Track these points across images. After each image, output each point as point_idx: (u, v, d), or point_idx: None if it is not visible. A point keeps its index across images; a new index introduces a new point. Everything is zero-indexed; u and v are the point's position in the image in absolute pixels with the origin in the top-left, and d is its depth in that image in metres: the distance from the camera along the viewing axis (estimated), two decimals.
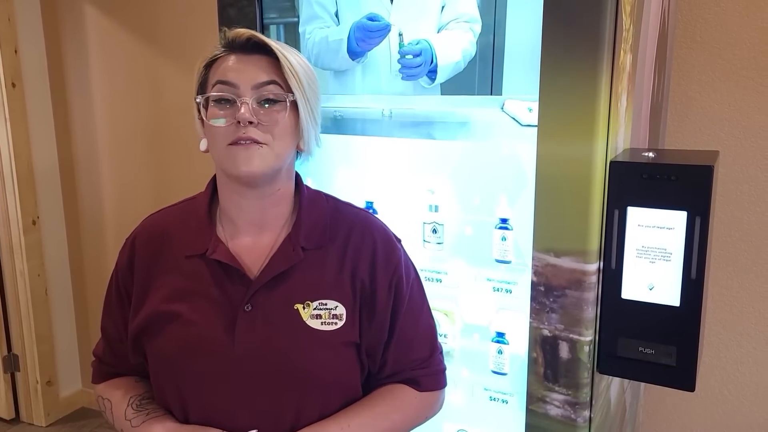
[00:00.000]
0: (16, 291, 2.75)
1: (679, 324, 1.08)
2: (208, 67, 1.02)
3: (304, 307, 1.01)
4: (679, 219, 1.05)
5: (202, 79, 1.03)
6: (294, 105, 1.00)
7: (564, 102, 1.06)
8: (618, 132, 1.11)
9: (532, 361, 1.16)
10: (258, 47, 1.00)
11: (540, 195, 1.10)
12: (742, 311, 1.80)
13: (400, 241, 1.12)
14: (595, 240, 1.09)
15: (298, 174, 1.10)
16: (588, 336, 1.11)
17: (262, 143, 0.97)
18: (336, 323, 1.02)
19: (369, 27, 1.25)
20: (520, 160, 1.18)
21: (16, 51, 2.58)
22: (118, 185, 2.71)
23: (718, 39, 1.71)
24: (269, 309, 1.01)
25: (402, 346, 1.08)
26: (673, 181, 1.04)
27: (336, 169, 1.37)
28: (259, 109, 0.98)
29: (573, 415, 1.14)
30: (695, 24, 1.72)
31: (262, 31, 1.35)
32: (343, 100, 1.33)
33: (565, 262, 1.10)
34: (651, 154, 1.12)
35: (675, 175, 1.04)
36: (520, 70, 1.17)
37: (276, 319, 1.00)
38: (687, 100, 1.76)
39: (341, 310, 1.02)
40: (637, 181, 1.06)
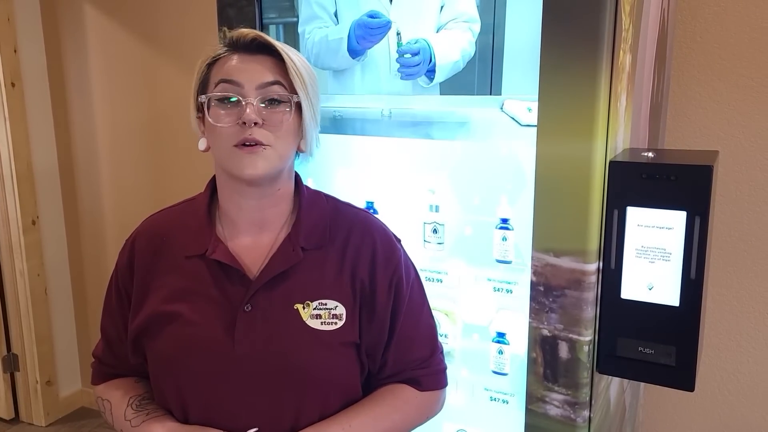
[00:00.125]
0: (15, 291, 2.75)
1: (678, 324, 1.08)
2: (210, 66, 1.01)
3: (304, 307, 1.01)
4: (678, 219, 1.05)
5: (204, 78, 1.02)
6: (297, 106, 1.00)
7: (563, 102, 1.06)
8: (617, 132, 1.11)
9: (531, 361, 1.16)
10: (262, 47, 0.99)
11: (539, 195, 1.10)
12: (742, 311, 1.80)
13: (399, 241, 1.12)
14: (594, 240, 1.09)
15: (298, 174, 1.10)
16: (587, 336, 1.11)
17: (266, 145, 0.97)
18: (336, 323, 1.02)
19: (370, 24, 1.25)
20: (520, 160, 1.18)
21: (15, 51, 2.58)
22: (117, 185, 2.71)
23: (718, 39, 1.71)
24: (269, 309, 1.01)
25: (402, 346, 1.08)
26: (673, 180, 1.04)
27: (335, 169, 1.37)
28: (263, 109, 0.97)
29: (572, 415, 1.14)
30: (695, 24, 1.72)
31: (261, 30, 1.35)
32: (343, 99, 1.33)
33: (565, 262, 1.10)
34: (650, 154, 1.12)
35: (674, 174, 1.04)
36: (520, 69, 1.17)
37: (276, 319, 1.00)
38: (686, 100, 1.76)
39: (341, 310, 1.02)
40: (637, 181, 1.06)
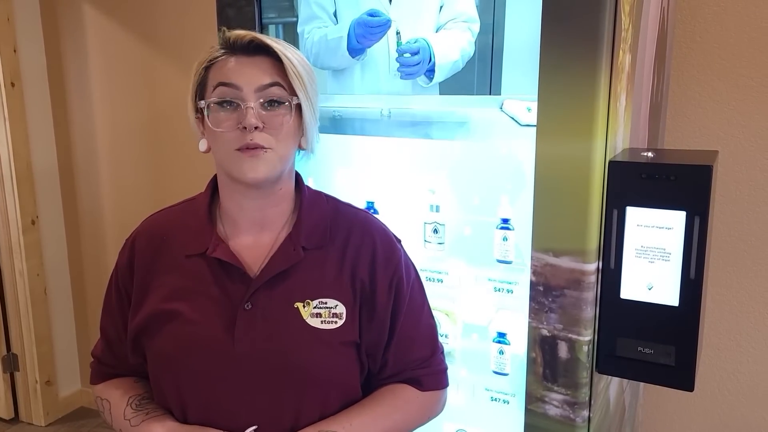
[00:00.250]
0: (15, 291, 2.75)
1: (678, 324, 1.08)
2: (208, 68, 1.01)
3: (304, 306, 1.01)
4: (678, 219, 1.05)
5: (201, 81, 1.01)
6: (297, 107, 1.00)
7: (563, 102, 1.06)
8: (617, 132, 1.11)
9: (531, 361, 1.16)
10: (259, 48, 0.99)
11: (539, 194, 1.10)
12: (742, 311, 1.80)
13: (399, 241, 1.12)
14: (594, 240, 1.09)
15: (299, 174, 1.10)
16: (587, 336, 1.11)
17: (267, 148, 0.96)
18: (336, 322, 1.02)
19: (370, 23, 1.25)
20: (519, 160, 1.18)
21: (15, 50, 2.58)
22: (117, 184, 2.71)
23: (718, 38, 1.71)
24: (269, 307, 1.01)
25: (403, 346, 1.08)
26: (672, 180, 1.04)
27: (335, 169, 1.37)
28: (263, 111, 0.97)
29: (572, 415, 1.14)
30: (695, 23, 1.72)
31: (260, 30, 1.35)
32: (342, 99, 1.33)
33: (564, 262, 1.09)
34: (650, 154, 1.12)
35: (674, 174, 1.04)
36: (519, 69, 1.17)
37: (276, 317, 1.00)
38: (686, 100, 1.76)
39: (341, 309, 1.02)
40: (636, 181, 1.06)
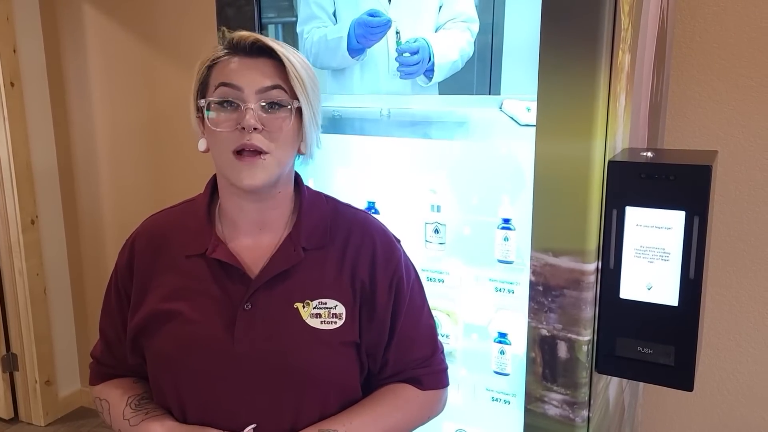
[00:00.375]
0: (14, 290, 2.75)
1: (677, 324, 1.08)
2: (210, 68, 1.01)
3: (304, 306, 1.01)
4: (677, 219, 1.05)
5: (203, 80, 1.01)
6: (298, 111, 0.99)
7: (562, 102, 1.06)
8: (616, 132, 1.11)
9: (530, 361, 1.16)
10: (262, 50, 0.99)
11: (538, 194, 1.10)
12: (741, 311, 1.80)
13: (399, 241, 1.12)
14: (593, 240, 1.09)
15: (299, 175, 1.09)
16: (586, 336, 1.11)
17: (265, 152, 0.96)
18: (336, 322, 1.02)
19: (370, 23, 1.25)
20: (519, 160, 1.18)
21: (14, 50, 2.58)
22: (116, 184, 2.71)
23: (718, 38, 1.71)
24: (269, 308, 1.01)
25: (403, 346, 1.08)
26: (672, 180, 1.04)
27: (335, 169, 1.37)
28: (263, 114, 0.97)
29: (571, 415, 1.14)
30: (694, 23, 1.72)
31: (260, 30, 1.35)
32: (342, 99, 1.33)
33: (564, 262, 1.09)
34: (649, 154, 1.12)
35: (673, 174, 1.04)
36: (519, 69, 1.17)
37: (276, 317, 1.00)
38: (686, 100, 1.76)
39: (341, 309, 1.02)
40: (636, 181, 1.06)
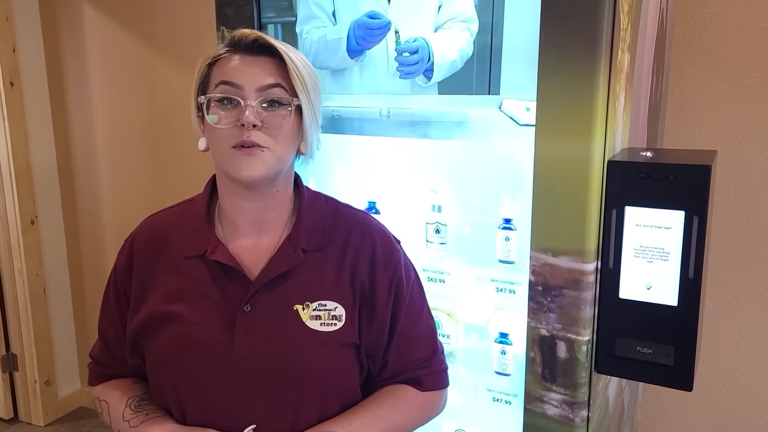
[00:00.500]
0: (14, 290, 2.75)
1: (676, 324, 1.08)
2: (211, 66, 1.01)
3: (304, 308, 1.01)
4: (676, 218, 1.05)
5: (204, 78, 1.01)
6: (298, 109, 0.99)
7: (562, 101, 1.06)
8: (616, 131, 1.11)
9: (530, 361, 1.16)
10: (263, 49, 0.99)
11: (538, 194, 1.10)
12: (741, 311, 1.80)
13: (399, 242, 1.11)
14: (592, 239, 1.09)
15: (298, 175, 1.09)
16: (586, 336, 1.11)
17: (264, 147, 0.96)
18: (335, 324, 1.02)
19: (370, 25, 1.25)
20: (518, 160, 1.18)
21: (14, 50, 2.58)
22: (116, 184, 2.70)
23: (717, 38, 1.71)
24: (269, 310, 1.00)
25: (403, 347, 1.08)
26: (671, 180, 1.04)
27: (334, 169, 1.37)
28: (263, 111, 0.97)
29: (571, 415, 1.14)
30: (694, 23, 1.72)
31: (259, 30, 1.35)
32: (341, 99, 1.33)
33: (563, 262, 1.09)
34: (649, 154, 1.12)
35: (673, 174, 1.04)
36: (518, 69, 1.17)
37: (275, 319, 1.00)
38: (685, 100, 1.76)
39: (341, 311, 1.02)
40: (635, 181, 1.06)
